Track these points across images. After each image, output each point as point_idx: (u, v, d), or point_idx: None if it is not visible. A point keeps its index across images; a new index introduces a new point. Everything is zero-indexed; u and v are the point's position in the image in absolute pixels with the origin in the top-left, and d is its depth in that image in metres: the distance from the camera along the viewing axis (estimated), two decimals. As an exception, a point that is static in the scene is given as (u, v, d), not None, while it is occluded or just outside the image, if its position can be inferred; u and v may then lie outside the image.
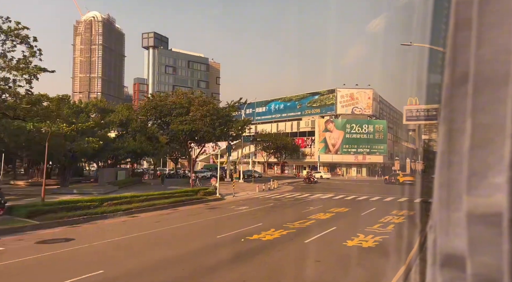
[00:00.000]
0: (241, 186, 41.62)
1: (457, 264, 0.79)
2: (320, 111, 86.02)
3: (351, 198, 28.58)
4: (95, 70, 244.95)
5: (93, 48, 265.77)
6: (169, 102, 40.93)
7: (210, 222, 17.26)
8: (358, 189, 39.22)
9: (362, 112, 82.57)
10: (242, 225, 16.09)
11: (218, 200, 27.11)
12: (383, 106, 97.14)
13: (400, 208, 22.77)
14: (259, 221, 17.24)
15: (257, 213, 20.16)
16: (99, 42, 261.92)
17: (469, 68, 0.79)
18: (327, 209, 21.48)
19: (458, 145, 0.80)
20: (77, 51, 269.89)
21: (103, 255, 10.89)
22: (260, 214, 19.83)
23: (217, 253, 11.10)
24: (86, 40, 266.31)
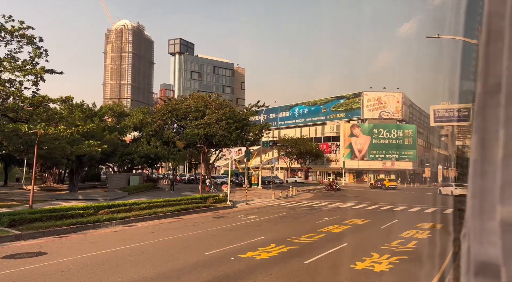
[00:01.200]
0: (258, 192, 39.88)
1: (492, 273, 0.79)
2: (346, 115, 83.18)
3: (373, 208, 26.23)
4: (125, 77, 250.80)
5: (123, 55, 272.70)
6: (185, 105, 39.78)
7: (208, 234, 15.57)
8: (383, 198, 36.61)
9: (390, 117, 79.12)
10: (241, 238, 14.32)
11: (228, 208, 25.45)
12: (413, 110, 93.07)
13: (426, 220, 20.35)
14: (262, 233, 15.43)
15: (263, 224, 18.32)
16: (129, 50, 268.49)
17: (502, 79, 0.80)
18: (343, 221, 19.39)
19: (491, 154, 0.81)
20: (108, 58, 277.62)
21: (66, 275, 9.38)
22: (267, 225, 17.99)
23: (195, 275, 9.37)
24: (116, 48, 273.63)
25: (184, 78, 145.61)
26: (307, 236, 14.67)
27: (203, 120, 38.36)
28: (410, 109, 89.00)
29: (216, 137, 38.56)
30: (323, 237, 14.64)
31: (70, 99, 22.28)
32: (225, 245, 12.98)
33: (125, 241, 14.02)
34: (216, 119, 38.02)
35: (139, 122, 38.32)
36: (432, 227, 17.67)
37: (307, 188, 49.71)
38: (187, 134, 38.58)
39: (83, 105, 34.44)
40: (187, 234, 15.65)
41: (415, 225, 18.07)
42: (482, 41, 0.80)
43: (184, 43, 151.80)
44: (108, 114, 40.12)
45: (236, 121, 39.86)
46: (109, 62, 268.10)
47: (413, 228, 16.98)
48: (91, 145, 22.60)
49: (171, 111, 39.37)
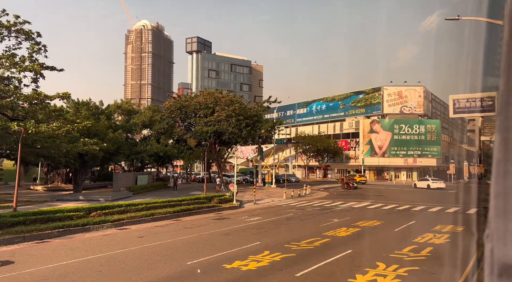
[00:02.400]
0: (270, 191, 38.43)
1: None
2: (365, 111, 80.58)
3: (389, 208, 24.41)
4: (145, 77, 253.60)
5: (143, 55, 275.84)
6: (194, 102, 38.68)
7: (201, 239, 14.28)
8: (402, 196, 34.58)
9: (412, 112, 76.13)
10: (235, 244, 12.96)
11: (233, 208, 24.13)
12: (437, 105, 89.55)
13: (446, 221, 18.49)
14: (260, 238, 14.03)
15: (265, 227, 16.90)
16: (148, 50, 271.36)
17: None
18: (353, 223, 17.76)
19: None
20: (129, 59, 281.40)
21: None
22: (268, 228, 16.56)
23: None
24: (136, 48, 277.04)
25: (202, 77, 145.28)
26: (308, 241, 13.18)
27: (212, 117, 37.17)
28: (433, 103, 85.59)
29: (226, 135, 37.29)
30: (326, 243, 13.12)
31: (67, 96, 21.38)
32: (214, 252, 11.64)
33: (108, 247, 12.87)
34: (225, 116, 36.74)
35: (148, 119, 37.45)
36: (452, 229, 15.85)
37: (324, 187, 47.93)
38: (197, 131, 37.48)
39: (90, 103, 33.80)
40: (178, 238, 14.39)
41: (433, 227, 16.30)
42: (505, 38, 0.78)
43: (201, 42, 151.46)
44: (117, 112, 39.48)
45: (247, 117, 38.47)
46: (130, 63, 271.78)
47: (431, 231, 15.23)
48: (87, 144, 21.67)
49: (180, 108, 38.33)
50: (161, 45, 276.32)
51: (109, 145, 27.14)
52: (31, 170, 55.80)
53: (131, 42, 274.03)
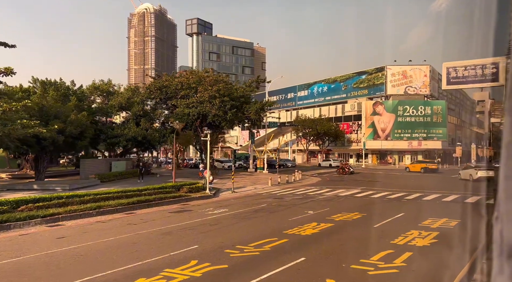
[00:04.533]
0: (258, 178, 35.81)
1: None
2: (368, 92, 76.97)
3: (380, 196, 21.64)
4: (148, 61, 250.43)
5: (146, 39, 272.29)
6: (176, 82, 35.84)
7: (133, 239, 11.73)
8: (398, 183, 31.77)
9: (417, 92, 72.39)
10: (166, 248, 10.40)
11: (204, 198, 21.56)
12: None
13: (440, 213, 15.73)
14: (203, 239, 11.46)
15: (221, 223, 14.30)
16: (151, 34, 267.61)
17: None
18: (330, 216, 15.07)
19: None
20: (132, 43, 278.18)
21: None
22: (224, 225, 13.95)
23: None
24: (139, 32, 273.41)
25: (203, 60, 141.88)
26: (259, 244, 10.53)
27: (194, 98, 34.35)
28: (440, 83, 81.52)
29: (209, 117, 34.51)
30: (280, 246, 10.45)
31: (9, 71, 18.72)
32: (127, 263, 9.04)
33: (5, 253, 10.36)
34: (208, 97, 33.90)
35: (125, 101, 34.74)
36: (444, 224, 13.09)
37: (318, 172, 45.20)
38: (177, 113, 34.77)
39: (58, 83, 31.19)
40: (107, 239, 11.85)
41: (422, 222, 13.56)
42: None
43: (202, 23, 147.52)
44: (94, 93, 36.84)
45: (233, 99, 35.56)
46: (133, 47, 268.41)
47: (417, 228, 12.50)
48: (27, 126, 19.14)
49: (160, 88, 35.53)
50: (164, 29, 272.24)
51: (72, 128, 24.60)
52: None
53: (134, 26, 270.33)
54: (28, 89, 29.71)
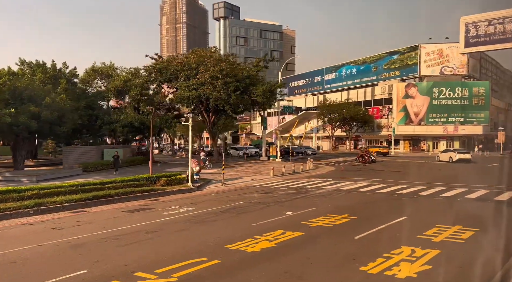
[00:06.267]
0: (266, 166, 32.60)
1: None
2: (400, 73, 71.18)
3: (389, 191, 17.98)
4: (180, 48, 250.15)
5: (178, 27, 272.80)
6: (175, 63, 33.06)
7: (23, 254, 9.06)
8: (424, 173, 27.74)
9: (454, 72, 65.96)
10: (44, 273, 7.63)
11: (183, 192, 18.76)
12: (487, 64, 77.66)
13: (456, 216, 12.09)
14: (108, 258, 8.65)
15: (166, 229, 11.45)
16: (183, 20, 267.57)
17: None
18: (308, 219, 11.87)
19: None
20: (164, 30, 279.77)
21: None
22: (166, 231, 11.12)
23: None
24: (171, 19, 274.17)
25: (230, 44, 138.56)
26: (170, 269, 7.55)
27: (194, 79, 31.47)
28: (483, 62, 74.15)
29: (211, 101, 31.56)
30: (196, 273, 7.39)
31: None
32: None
33: None
34: (209, 78, 30.90)
35: (121, 84, 32.39)
36: (454, 236, 9.55)
37: (338, 160, 41.40)
38: (177, 97, 32.09)
39: (45, 65, 29.24)
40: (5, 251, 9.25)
41: (425, 231, 10.07)
42: None
43: (229, 7, 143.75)
44: (92, 76, 34.77)
45: (238, 80, 32.36)
46: (165, 34, 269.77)
47: (414, 242, 9.08)
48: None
49: (160, 70, 32.90)
50: (195, 15, 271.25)
51: (47, 113, 22.44)
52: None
53: (166, 13, 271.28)
54: (17, 72, 28.03)
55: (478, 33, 13.56)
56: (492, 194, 16.39)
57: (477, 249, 8.76)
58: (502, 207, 13.82)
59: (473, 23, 13.86)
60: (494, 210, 13.43)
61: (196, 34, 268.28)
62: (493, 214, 12.70)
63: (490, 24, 13.50)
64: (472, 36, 14.15)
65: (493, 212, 13.16)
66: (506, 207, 13.68)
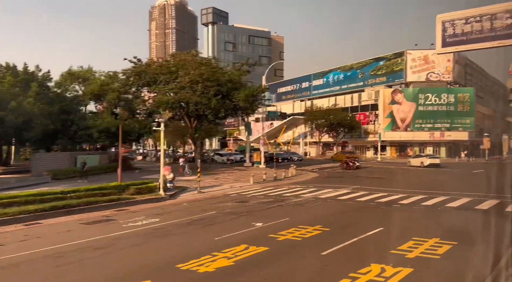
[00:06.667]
0: (249, 173, 31.51)
1: None
2: (387, 79, 71.11)
3: (368, 199, 17.23)
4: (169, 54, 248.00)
5: (167, 32, 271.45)
6: (155, 66, 32.14)
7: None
8: (407, 179, 27.12)
9: (440, 79, 66.05)
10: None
11: (152, 201, 17.79)
12: (472, 70, 78.09)
13: (433, 228, 11.37)
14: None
15: (118, 244, 10.53)
16: (172, 26, 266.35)
17: None
18: (277, 231, 11.06)
19: None
20: (153, 36, 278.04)
21: None
22: (118, 247, 10.20)
23: None
24: (160, 24, 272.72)
25: (218, 50, 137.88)
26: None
27: (174, 83, 30.58)
28: (467, 69, 74.55)
29: (190, 105, 30.66)
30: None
31: None
32: None
33: None
34: (189, 82, 30.03)
35: (97, 88, 31.32)
36: (429, 251, 8.80)
37: (322, 166, 40.73)
38: (156, 101, 31.15)
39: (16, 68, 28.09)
40: None
41: (399, 244, 9.31)
42: None
43: (217, 12, 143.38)
44: (69, 80, 33.63)
45: (220, 84, 31.55)
46: (154, 40, 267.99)
47: (385, 258, 8.30)
48: None
49: (138, 74, 31.94)
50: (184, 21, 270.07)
51: (12, 117, 21.35)
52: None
53: (155, 19, 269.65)
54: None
55: (456, 32, 12.35)
56: (474, 202, 15.75)
57: (452, 266, 7.99)
58: (482, 216, 13.15)
59: (450, 21, 12.72)
60: (473, 220, 12.76)
61: (186, 39, 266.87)
62: (472, 225, 12.01)
63: (467, 22, 12.31)
64: (450, 35, 13.02)
65: (472, 222, 12.47)
66: (486, 217, 13.01)
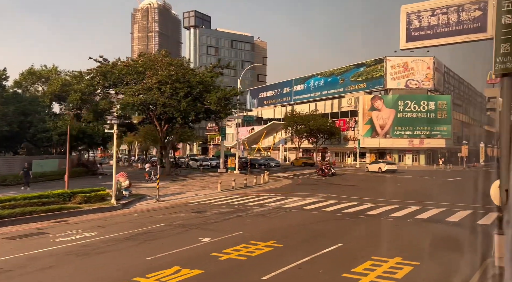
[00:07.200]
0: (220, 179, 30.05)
1: None
2: (366, 86, 70.88)
3: (336, 209, 16.06)
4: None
5: (150, 35, 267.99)
6: (121, 66, 30.56)
7: None
8: (382, 187, 26.18)
9: (419, 86, 66.07)
10: None
11: (102, 211, 16.22)
12: (450, 78, 78.72)
13: (398, 245, 10.20)
14: None
15: (25, 267, 9.07)
16: (155, 29, 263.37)
17: None
18: (222, 249, 9.70)
19: None
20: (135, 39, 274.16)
21: None
22: (23, 271, 8.75)
23: None
24: (143, 28, 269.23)
25: (200, 54, 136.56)
26: None
27: (141, 84, 29.06)
28: (446, 76, 75.02)
29: (158, 107, 29.16)
30: None
31: None
32: None
33: None
34: (157, 83, 28.55)
35: (58, 88, 29.53)
36: (388, 274, 7.56)
37: (298, 173, 39.58)
38: (122, 103, 29.56)
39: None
40: None
41: (357, 264, 8.14)
42: None
43: (200, 16, 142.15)
44: (28, 80, 31.78)
45: (190, 86, 30.15)
46: (136, 43, 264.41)
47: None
48: None
49: (104, 74, 30.29)
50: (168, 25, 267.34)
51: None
52: None
53: (138, 22, 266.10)
54: None
55: (422, 25, 11.15)
56: (446, 213, 14.73)
57: None
58: (451, 230, 12.11)
59: (416, 12, 11.44)
60: (442, 235, 11.69)
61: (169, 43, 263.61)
62: (440, 241, 10.90)
63: (433, 14, 11.23)
64: (415, 29, 11.73)
65: (440, 238, 11.38)
66: (456, 231, 11.97)
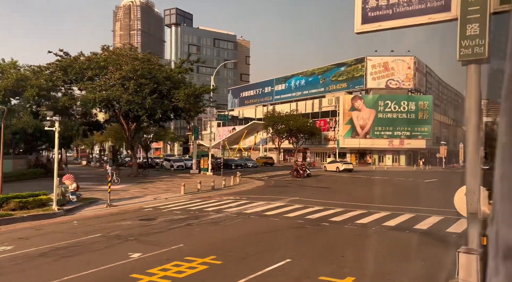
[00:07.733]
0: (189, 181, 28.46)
1: None
2: (347, 85, 70.09)
3: (299, 215, 14.67)
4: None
5: (132, 33, 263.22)
6: (82, 60, 28.64)
7: None
8: (355, 190, 24.94)
9: (399, 86, 65.57)
10: None
11: (39, 218, 14.47)
12: (431, 79, 78.53)
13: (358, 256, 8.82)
14: None
15: None
16: (137, 27, 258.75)
17: None
18: (149, 268, 8.18)
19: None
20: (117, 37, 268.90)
21: None
22: None
23: None
24: (125, 25, 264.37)
25: (182, 52, 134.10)
26: None
27: (103, 80, 27.23)
28: (427, 77, 74.76)
29: (122, 104, 27.38)
30: None
31: None
32: None
33: None
34: (120, 78, 26.76)
35: (12, 83, 27.47)
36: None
37: (274, 174, 38.19)
38: (82, 100, 27.67)
39: None
40: None
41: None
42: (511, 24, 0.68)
43: (181, 14, 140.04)
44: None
45: (157, 82, 28.45)
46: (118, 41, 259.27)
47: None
48: None
49: (64, 68, 28.35)
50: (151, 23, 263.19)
51: None
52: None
53: (119, 19, 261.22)
54: None
55: (379, 3, 9.72)
56: (416, 219, 13.50)
57: None
58: (418, 240, 10.83)
59: None
60: (406, 246, 10.36)
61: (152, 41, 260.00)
62: (403, 255, 9.56)
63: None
64: (372, 8, 10.32)
65: (404, 250, 10.05)
66: (422, 241, 10.69)
